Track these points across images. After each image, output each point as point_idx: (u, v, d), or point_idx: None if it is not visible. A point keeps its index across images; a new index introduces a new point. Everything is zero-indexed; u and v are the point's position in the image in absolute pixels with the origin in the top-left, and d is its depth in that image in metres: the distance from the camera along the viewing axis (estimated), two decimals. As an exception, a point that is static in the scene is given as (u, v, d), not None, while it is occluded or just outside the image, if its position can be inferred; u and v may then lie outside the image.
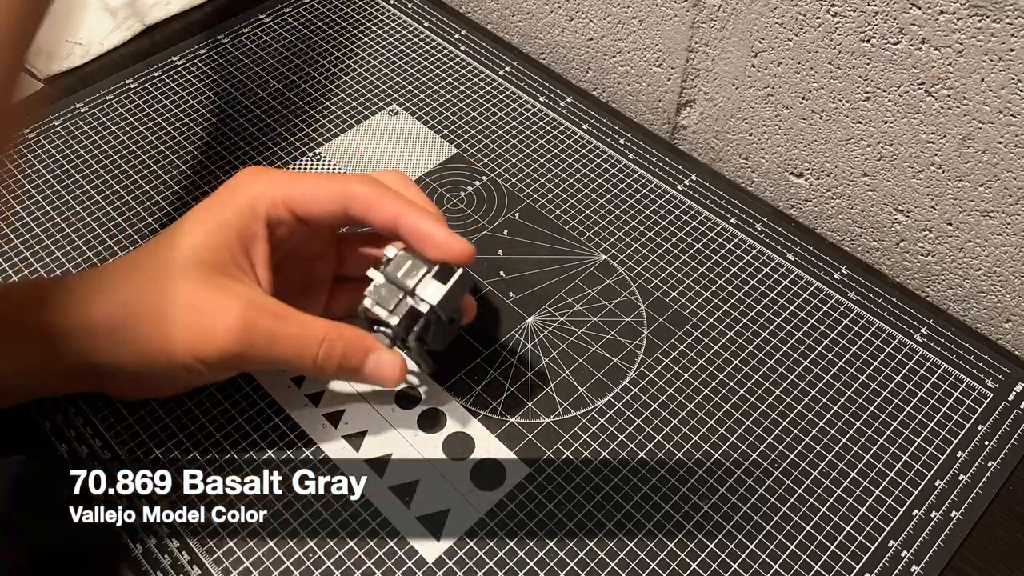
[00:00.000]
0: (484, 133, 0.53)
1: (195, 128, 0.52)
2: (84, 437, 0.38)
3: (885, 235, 0.50)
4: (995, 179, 0.43)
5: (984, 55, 0.40)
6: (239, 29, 0.59)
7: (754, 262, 0.47)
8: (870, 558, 0.36)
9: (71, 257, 0.45)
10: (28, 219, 0.47)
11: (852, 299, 0.45)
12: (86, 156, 0.50)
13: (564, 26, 0.60)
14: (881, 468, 0.39)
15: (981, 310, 0.48)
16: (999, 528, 0.38)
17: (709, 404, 0.41)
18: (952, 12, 0.40)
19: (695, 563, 0.36)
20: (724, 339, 0.43)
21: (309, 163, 0.51)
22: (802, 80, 0.48)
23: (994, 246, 0.45)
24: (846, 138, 0.48)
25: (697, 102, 0.55)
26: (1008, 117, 0.41)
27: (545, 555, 0.36)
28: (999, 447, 0.40)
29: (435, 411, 0.40)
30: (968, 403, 0.41)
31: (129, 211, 0.48)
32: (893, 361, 0.43)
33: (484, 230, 0.48)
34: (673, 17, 0.52)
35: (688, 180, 0.51)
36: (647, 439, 0.39)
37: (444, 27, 0.60)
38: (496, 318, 0.44)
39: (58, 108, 0.53)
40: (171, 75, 0.56)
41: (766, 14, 0.47)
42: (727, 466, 0.39)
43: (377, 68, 0.57)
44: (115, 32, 0.59)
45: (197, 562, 0.35)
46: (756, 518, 0.37)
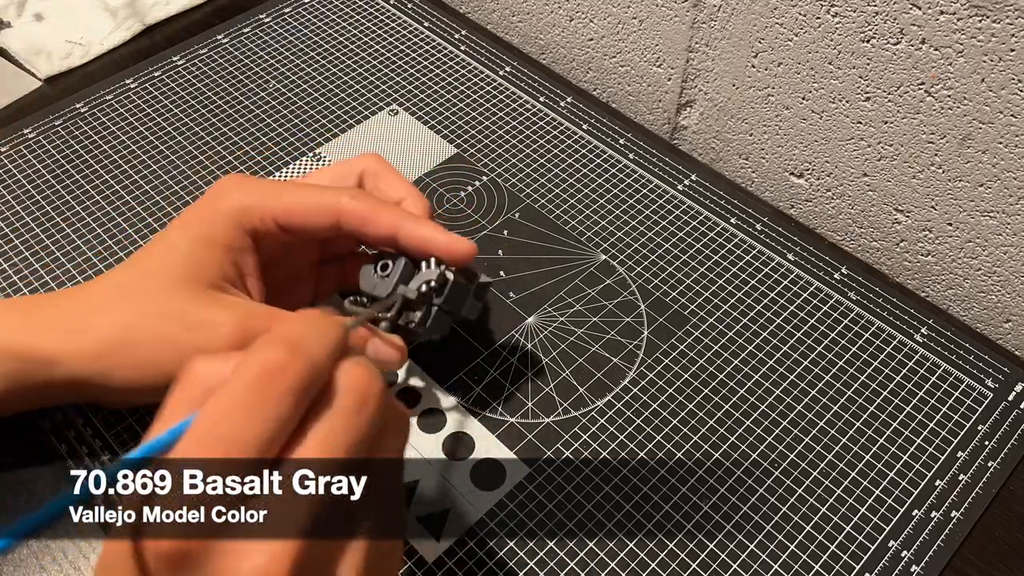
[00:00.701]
0: (484, 133, 0.53)
1: (195, 128, 0.52)
2: (84, 437, 0.38)
3: (885, 235, 0.50)
4: (995, 179, 0.43)
5: (984, 55, 0.40)
6: (239, 29, 0.59)
7: (754, 262, 0.47)
8: (870, 558, 0.36)
9: (71, 257, 0.45)
10: (28, 219, 0.47)
11: (852, 299, 0.45)
12: (86, 156, 0.50)
13: (564, 26, 0.60)
14: (881, 468, 0.39)
15: (981, 310, 0.48)
16: (999, 528, 0.38)
17: (709, 404, 0.41)
18: (952, 12, 0.40)
19: (695, 563, 0.36)
20: (724, 339, 0.43)
21: (309, 163, 0.51)
22: (802, 80, 0.48)
23: (994, 246, 0.45)
24: (846, 138, 0.48)
25: (697, 102, 0.55)
26: (1008, 117, 0.41)
27: (545, 555, 0.36)
28: (999, 447, 0.40)
29: (435, 411, 0.40)
30: (968, 403, 0.41)
31: (129, 211, 0.48)
32: (893, 361, 0.43)
33: (484, 230, 0.48)
34: (673, 17, 0.52)
35: (688, 180, 0.51)
36: (647, 439, 0.39)
37: (444, 27, 0.60)
38: (496, 318, 0.44)
39: (58, 108, 0.53)
40: (171, 75, 0.56)
41: (766, 14, 0.47)
42: (727, 466, 0.39)
43: (377, 68, 0.57)
44: (115, 32, 0.59)
45: (197, 562, 0.35)
46: (756, 518, 0.37)
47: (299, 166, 0.50)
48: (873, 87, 0.45)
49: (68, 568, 0.35)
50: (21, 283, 0.44)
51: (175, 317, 0.33)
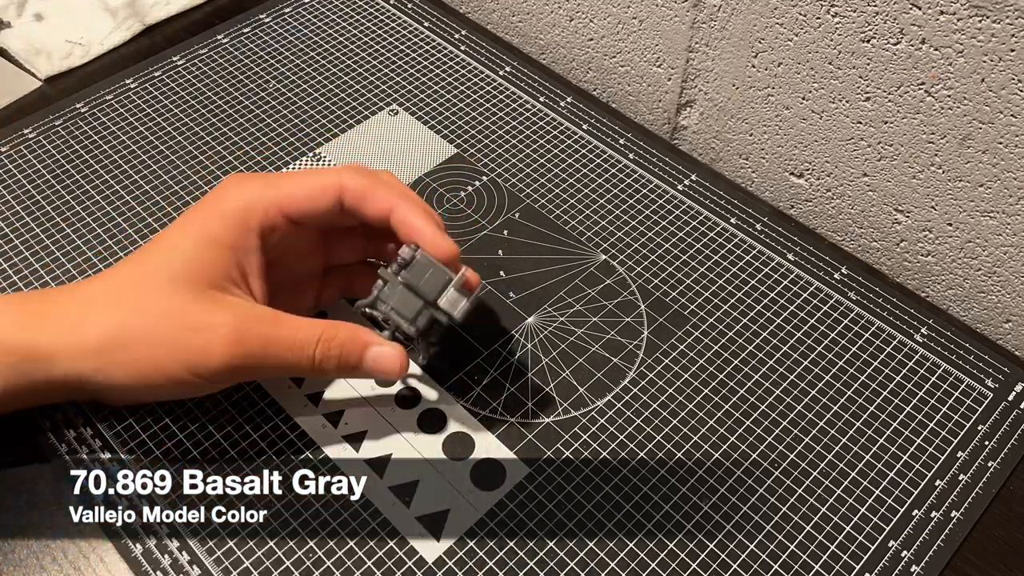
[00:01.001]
0: (484, 133, 0.53)
1: (195, 128, 0.52)
2: (84, 437, 0.38)
3: (885, 235, 0.50)
4: (995, 179, 0.43)
5: (984, 55, 0.40)
6: (239, 29, 0.59)
7: (754, 262, 0.47)
8: (870, 558, 0.36)
9: (71, 257, 0.45)
10: (28, 219, 0.47)
11: (852, 299, 0.45)
12: (86, 156, 0.50)
13: (564, 26, 0.60)
14: (881, 468, 0.39)
15: (981, 310, 0.48)
16: (999, 528, 0.38)
17: (709, 404, 0.41)
18: (952, 12, 0.40)
19: (695, 563, 0.36)
20: (724, 339, 0.43)
21: (309, 163, 0.51)
22: (802, 80, 0.48)
23: (994, 246, 0.45)
24: (846, 138, 0.48)
25: (697, 102, 0.55)
26: (1008, 117, 0.41)
27: (545, 555, 0.36)
28: (999, 447, 0.40)
29: (435, 411, 0.40)
30: (968, 403, 0.41)
31: (129, 211, 0.48)
32: (893, 361, 0.43)
33: (484, 230, 0.48)
34: (673, 17, 0.52)
35: (688, 180, 0.51)
36: (647, 439, 0.39)
37: (444, 27, 0.60)
38: (496, 318, 0.44)
39: (58, 108, 0.53)
40: (171, 75, 0.56)
41: (766, 14, 0.47)
42: (727, 466, 0.39)
43: (377, 68, 0.57)
44: (115, 32, 0.59)
45: (197, 562, 0.35)
46: (756, 518, 0.37)
47: (299, 166, 0.50)
48: (873, 87, 0.45)
49: (68, 568, 0.35)
50: (21, 283, 0.44)
51: (174, 316, 0.33)
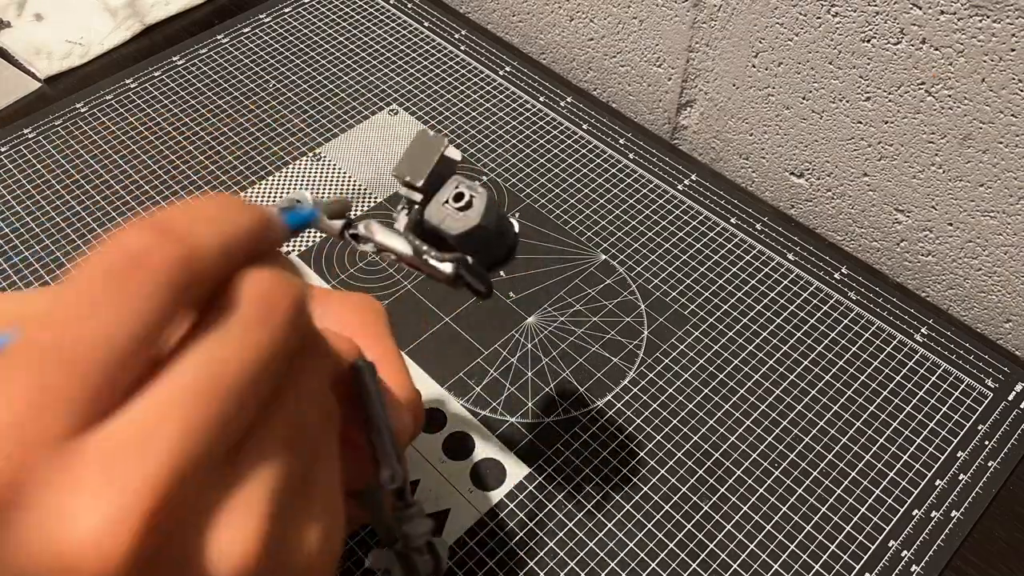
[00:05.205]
0: (484, 133, 0.53)
1: (195, 128, 0.52)
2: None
3: (885, 235, 0.50)
4: (995, 179, 0.43)
5: (984, 55, 0.40)
6: (239, 29, 0.59)
7: (754, 262, 0.47)
8: (870, 558, 0.36)
9: (71, 257, 0.45)
10: (28, 219, 0.47)
11: (852, 299, 0.45)
12: (86, 156, 0.50)
13: (564, 26, 0.60)
14: (881, 468, 0.39)
15: (981, 310, 0.48)
16: (999, 528, 0.38)
17: (709, 404, 0.41)
18: (953, 12, 0.40)
19: (695, 563, 0.36)
20: (724, 339, 0.43)
21: (309, 163, 0.51)
22: (802, 80, 0.48)
23: (994, 246, 0.45)
24: (846, 138, 0.48)
25: (697, 102, 0.55)
26: (1008, 117, 0.41)
27: (545, 555, 0.36)
28: (999, 447, 0.40)
29: (435, 411, 0.40)
30: (968, 403, 0.41)
31: (129, 211, 0.48)
32: (893, 361, 0.43)
33: (484, 230, 0.48)
34: (673, 17, 0.52)
35: (688, 180, 0.51)
36: (647, 439, 0.39)
37: (444, 27, 0.60)
38: (496, 318, 0.44)
39: (58, 108, 0.53)
40: (171, 75, 0.56)
41: (766, 14, 0.47)
42: (727, 466, 0.39)
43: (377, 68, 0.57)
44: (115, 32, 0.59)
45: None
46: (756, 518, 0.37)
47: (299, 166, 0.50)
48: (873, 87, 0.45)
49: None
50: (21, 283, 0.44)
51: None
